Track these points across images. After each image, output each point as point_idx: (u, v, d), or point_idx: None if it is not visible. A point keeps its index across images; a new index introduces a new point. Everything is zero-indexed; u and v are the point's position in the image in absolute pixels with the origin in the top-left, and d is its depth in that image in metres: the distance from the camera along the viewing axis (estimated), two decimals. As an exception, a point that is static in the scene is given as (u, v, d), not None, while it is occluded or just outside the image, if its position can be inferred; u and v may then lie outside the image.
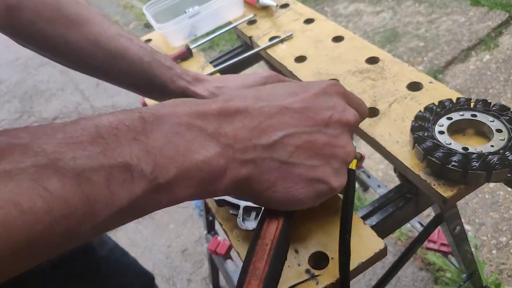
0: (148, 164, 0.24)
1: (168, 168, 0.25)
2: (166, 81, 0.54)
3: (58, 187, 0.20)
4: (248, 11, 0.91)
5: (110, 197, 0.23)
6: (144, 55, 0.53)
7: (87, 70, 0.57)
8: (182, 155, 0.26)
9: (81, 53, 0.52)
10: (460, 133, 0.52)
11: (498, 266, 1.18)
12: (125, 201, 0.23)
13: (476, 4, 2.07)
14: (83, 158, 0.22)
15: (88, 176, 0.22)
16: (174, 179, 0.25)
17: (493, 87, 1.68)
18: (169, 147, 0.25)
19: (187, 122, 0.27)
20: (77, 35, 0.51)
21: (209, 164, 0.27)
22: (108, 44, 0.52)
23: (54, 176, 0.21)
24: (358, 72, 0.67)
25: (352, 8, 2.38)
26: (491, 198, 1.33)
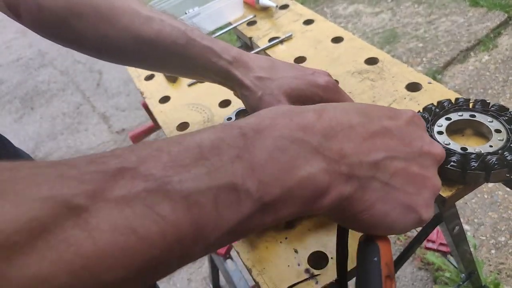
0: (253, 183, 0.23)
1: (272, 186, 0.24)
2: (205, 63, 0.50)
3: (169, 212, 0.20)
4: (248, 12, 0.91)
5: (218, 219, 0.22)
6: (177, 38, 0.50)
7: (122, 61, 0.55)
8: (286, 172, 0.24)
9: (113, 45, 0.51)
10: (459, 134, 0.52)
11: (497, 266, 1.19)
12: (233, 222, 0.23)
13: (475, 5, 2.07)
14: (190, 181, 0.21)
15: (196, 199, 0.21)
16: (278, 198, 0.24)
17: (492, 87, 1.69)
18: (272, 164, 0.24)
19: (289, 135, 0.25)
20: (108, 27, 0.50)
21: (313, 180, 0.25)
22: (140, 32, 0.49)
23: (165, 201, 0.20)
24: (357, 72, 0.68)
25: (352, 9, 2.39)
26: (490, 198, 1.34)
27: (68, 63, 2.93)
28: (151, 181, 0.21)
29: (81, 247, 0.18)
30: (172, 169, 0.21)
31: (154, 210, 0.20)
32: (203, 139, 0.23)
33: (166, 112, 0.73)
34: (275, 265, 0.45)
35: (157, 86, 0.80)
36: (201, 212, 0.21)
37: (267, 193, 0.24)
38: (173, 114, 0.72)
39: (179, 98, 0.75)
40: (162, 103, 0.75)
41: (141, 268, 0.20)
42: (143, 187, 0.20)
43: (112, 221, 0.19)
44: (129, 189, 0.20)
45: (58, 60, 3.00)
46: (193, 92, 0.75)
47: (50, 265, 0.17)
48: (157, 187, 0.21)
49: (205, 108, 0.71)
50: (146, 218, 0.20)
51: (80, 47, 0.54)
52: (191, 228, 0.21)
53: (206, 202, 0.22)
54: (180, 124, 0.69)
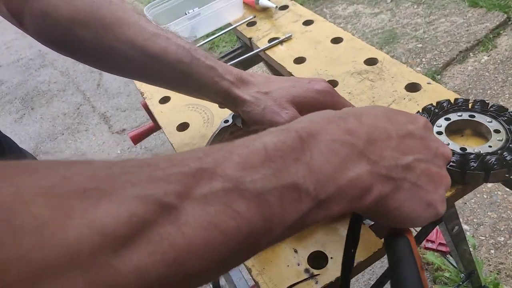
0: (312, 183, 0.26)
1: (328, 185, 0.26)
2: (207, 82, 0.51)
3: (244, 209, 0.23)
4: (248, 13, 0.91)
5: (282, 216, 0.24)
6: (182, 56, 0.51)
7: (126, 74, 0.55)
8: (339, 172, 0.27)
9: (117, 57, 0.51)
10: (458, 134, 0.53)
11: (496, 265, 1.19)
12: (294, 218, 0.25)
13: (474, 6, 2.07)
14: (260, 181, 0.24)
15: (266, 198, 0.24)
16: (332, 196, 0.27)
17: (491, 88, 1.69)
18: (327, 165, 0.27)
19: (339, 138, 0.28)
20: (113, 39, 0.50)
21: (360, 181, 0.28)
22: (145, 47, 0.50)
23: (240, 199, 0.23)
24: (356, 73, 0.68)
25: (351, 10, 2.39)
26: (489, 198, 1.34)
27: (68, 63, 2.93)
28: (227, 181, 0.23)
29: (173, 241, 0.20)
30: (244, 170, 0.24)
31: (231, 207, 0.22)
32: (266, 142, 0.26)
33: (166, 113, 0.73)
34: (275, 265, 0.46)
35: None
36: (269, 209, 0.24)
37: (323, 192, 0.26)
38: (173, 114, 0.72)
39: (179, 98, 0.75)
40: (162, 103, 0.76)
41: (220, 260, 0.22)
42: (221, 186, 0.23)
43: (197, 218, 0.21)
44: (209, 188, 0.22)
45: (58, 60, 3.00)
46: (193, 93, 0.76)
47: (148, 257, 0.19)
48: (233, 187, 0.23)
49: (205, 108, 0.71)
50: (225, 215, 0.22)
51: (83, 58, 0.54)
52: (261, 224, 0.23)
53: (273, 200, 0.24)
54: (180, 125, 0.69)
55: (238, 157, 0.24)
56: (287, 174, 0.25)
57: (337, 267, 0.44)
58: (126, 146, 2.09)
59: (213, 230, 0.21)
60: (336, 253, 0.45)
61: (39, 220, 0.17)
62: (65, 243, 0.17)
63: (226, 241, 0.22)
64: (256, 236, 0.23)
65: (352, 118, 0.31)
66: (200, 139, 0.65)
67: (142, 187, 0.21)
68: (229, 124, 0.58)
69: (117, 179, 0.20)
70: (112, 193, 0.20)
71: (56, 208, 0.18)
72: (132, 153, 2.04)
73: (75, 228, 0.18)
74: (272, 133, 0.27)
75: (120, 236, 0.19)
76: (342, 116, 0.31)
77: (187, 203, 0.21)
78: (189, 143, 0.65)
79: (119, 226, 0.19)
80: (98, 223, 0.18)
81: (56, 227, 0.17)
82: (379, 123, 0.32)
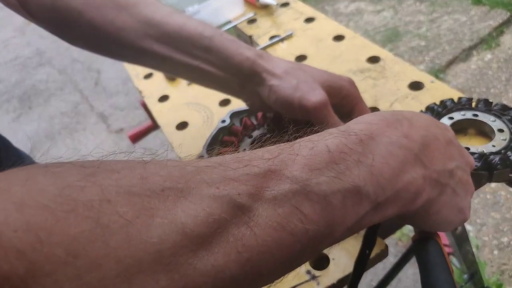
0: (372, 186, 0.26)
1: (386, 188, 0.27)
2: (231, 54, 0.48)
3: (310, 211, 0.23)
4: (248, 10, 0.90)
5: (344, 218, 0.25)
6: (203, 30, 0.48)
7: (142, 58, 0.52)
8: (397, 176, 0.27)
9: (133, 38, 0.48)
10: (462, 133, 0.52)
11: (499, 266, 1.18)
12: (354, 220, 0.25)
13: (478, 3, 2.06)
14: (324, 183, 0.24)
15: (330, 200, 0.24)
16: (388, 199, 0.27)
17: (494, 86, 1.68)
18: (387, 168, 0.27)
19: (396, 141, 0.28)
20: (128, 18, 0.47)
21: (415, 184, 0.28)
22: (162, 24, 0.47)
23: (307, 201, 0.23)
24: (359, 71, 0.67)
25: (353, 7, 2.38)
26: (493, 199, 1.33)
27: (66, 62, 2.92)
28: (294, 183, 0.23)
29: (247, 241, 0.21)
30: (310, 172, 0.24)
31: (299, 209, 0.23)
32: (330, 144, 0.26)
33: (165, 112, 0.72)
34: (274, 267, 0.45)
35: (156, 85, 0.79)
36: (332, 211, 0.24)
37: (381, 195, 0.26)
38: (172, 113, 0.71)
39: (178, 97, 0.74)
40: (161, 102, 0.75)
41: (288, 260, 0.23)
42: (289, 188, 0.23)
43: (268, 219, 0.21)
44: (278, 190, 0.23)
45: (56, 59, 3.00)
46: (192, 91, 0.75)
47: (223, 257, 0.20)
48: (300, 189, 0.23)
49: (204, 107, 0.70)
50: (294, 217, 0.22)
51: (95, 45, 0.52)
52: (325, 226, 0.24)
53: (336, 203, 0.24)
54: (179, 124, 0.69)
55: (303, 159, 0.24)
56: (350, 177, 0.25)
57: (338, 268, 0.44)
58: (124, 145, 2.09)
59: (282, 232, 0.22)
60: (338, 254, 0.45)
61: (124, 219, 0.18)
62: (150, 242, 0.18)
63: (294, 243, 0.22)
64: (319, 238, 0.24)
65: (406, 121, 0.30)
66: (200, 138, 0.64)
67: (216, 187, 0.21)
68: (227, 124, 0.57)
69: (192, 179, 0.21)
70: (189, 193, 0.20)
71: (139, 207, 0.18)
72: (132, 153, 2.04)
73: (158, 227, 0.18)
74: (333, 135, 0.27)
75: (199, 235, 0.19)
76: (398, 119, 0.30)
77: (259, 204, 0.22)
78: (188, 143, 0.65)
79: (197, 226, 0.19)
80: (178, 222, 0.19)
81: (140, 226, 0.18)
82: (429, 128, 0.32)
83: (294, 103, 0.46)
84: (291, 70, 0.48)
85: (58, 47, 3.10)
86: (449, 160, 0.32)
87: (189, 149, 0.63)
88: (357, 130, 0.28)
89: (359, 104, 0.50)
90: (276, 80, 0.47)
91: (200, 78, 0.53)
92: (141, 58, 0.52)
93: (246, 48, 0.49)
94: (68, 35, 0.52)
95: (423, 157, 0.29)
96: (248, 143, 0.53)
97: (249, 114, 0.58)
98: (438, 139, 0.31)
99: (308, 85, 0.46)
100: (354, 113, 0.49)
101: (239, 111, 0.59)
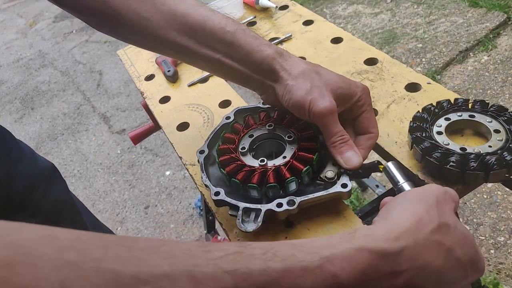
0: None
1: None
2: (253, 49, 0.49)
3: None
4: (248, 13, 0.91)
5: None
6: (227, 25, 0.49)
7: (165, 48, 0.53)
8: None
9: (156, 28, 0.49)
10: (458, 134, 0.53)
11: (496, 265, 1.19)
12: None
13: (474, 6, 2.07)
14: None
15: None
16: None
17: (491, 88, 1.69)
18: None
19: None
20: (152, 9, 0.49)
21: None
22: (186, 16, 0.49)
23: None
24: (356, 73, 0.68)
25: (351, 10, 2.39)
26: (489, 198, 1.34)
27: (68, 63, 2.93)
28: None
29: None
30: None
31: None
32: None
33: (166, 112, 0.73)
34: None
35: (158, 86, 0.80)
36: None
37: None
38: (173, 114, 0.72)
39: (179, 98, 0.75)
40: (162, 103, 0.76)
41: None
42: None
43: None
44: None
45: (58, 60, 3.00)
46: (193, 92, 0.76)
47: None
48: None
49: (205, 108, 0.71)
50: None
51: (119, 32, 0.53)
52: None
53: None
54: (180, 124, 0.69)
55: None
56: None
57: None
58: (126, 146, 2.09)
59: None
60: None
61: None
62: None
63: None
64: None
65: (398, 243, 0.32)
66: (200, 139, 0.65)
67: None
68: (231, 121, 0.58)
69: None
70: None
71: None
72: (132, 153, 2.04)
73: None
74: (324, 270, 0.28)
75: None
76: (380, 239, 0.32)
77: None
78: (189, 143, 0.65)
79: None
80: None
81: None
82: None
83: (305, 106, 0.47)
84: (307, 72, 0.49)
85: (60, 49, 3.11)
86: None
87: (189, 150, 0.64)
88: (343, 274, 0.29)
89: (367, 112, 0.51)
90: (292, 81, 0.48)
91: (220, 71, 0.54)
92: (164, 48, 0.53)
93: (267, 45, 0.50)
94: (93, 22, 0.53)
95: None
96: (248, 141, 0.54)
97: (253, 113, 0.58)
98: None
99: (320, 91, 0.47)
100: (360, 120, 0.51)
101: (244, 109, 0.59)
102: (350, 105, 0.50)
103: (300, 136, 0.52)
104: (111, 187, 1.91)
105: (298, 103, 0.48)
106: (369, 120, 0.51)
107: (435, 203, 0.36)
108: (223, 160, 0.51)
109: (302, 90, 0.48)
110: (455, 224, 0.35)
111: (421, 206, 0.35)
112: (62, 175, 0.83)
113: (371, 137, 0.51)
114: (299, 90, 0.48)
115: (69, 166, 2.09)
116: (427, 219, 0.34)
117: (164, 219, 1.69)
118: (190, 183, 1.77)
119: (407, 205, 0.36)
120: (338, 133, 0.48)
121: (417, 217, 0.34)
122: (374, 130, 0.51)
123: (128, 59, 0.91)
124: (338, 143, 0.48)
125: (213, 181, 0.52)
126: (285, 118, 0.55)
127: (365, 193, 1.45)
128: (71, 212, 0.81)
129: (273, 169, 0.49)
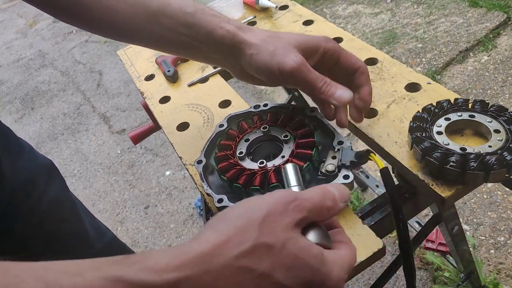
0: None
1: None
2: (213, 28, 0.50)
3: None
4: (248, 13, 0.91)
5: None
6: (186, 7, 0.50)
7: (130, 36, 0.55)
8: None
9: (121, 17, 0.50)
10: (458, 134, 0.53)
11: (496, 265, 1.19)
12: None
13: (474, 6, 2.07)
14: None
15: None
16: None
17: (491, 88, 1.69)
18: None
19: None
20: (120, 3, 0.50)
21: None
22: (148, 3, 0.50)
23: None
24: (357, 73, 0.68)
25: (351, 10, 2.39)
26: (489, 198, 1.34)
27: (68, 63, 2.93)
28: None
29: None
30: None
31: None
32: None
33: (166, 112, 0.73)
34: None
35: (157, 86, 0.80)
36: None
37: None
38: (173, 114, 0.72)
39: (179, 98, 0.75)
40: (162, 103, 0.76)
41: None
42: None
43: None
44: None
45: (58, 60, 3.00)
46: (193, 92, 0.76)
47: None
48: None
49: (205, 108, 0.71)
50: None
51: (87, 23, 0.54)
52: None
53: None
54: (180, 124, 0.69)
55: None
56: None
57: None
58: (126, 146, 2.09)
59: None
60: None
61: None
62: None
63: None
64: None
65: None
66: (200, 139, 0.65)
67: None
68: (224, 128, 0.58)
69: None
70: None
71: None
72: (132, 153, 2.04)
73: None
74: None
75: None
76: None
77: None
78: (189, 143, 0.65)
79: None
80: None
81: None
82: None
83: (273, 69, 0.47)
84: (268, 39, 0.49)
85: (61, 49, 3.11)
86: None
87: (189, 150, 0.64)
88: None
89: (342, 55, 0.51)
90: (254, 49, 0.49)
91: (189, 53, 0.56)
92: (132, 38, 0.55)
93: (226, 22, 0.50)
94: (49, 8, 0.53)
95: None
96: (245, 146, 0.54)
97: (245, 118, 0.58)
98: None
99: (284, 50, 0.48)
100: (341, 65, 0.51)
101: (236, 115, 0.59)
102: (319, 57, 0.50)
103: (296, 134, 0.52)
104: (111, 187, 1.91)
105: (266, 68, 0.48)
106: (348, 58, 0.51)
107: (262, 218, 0.30)
108: (223, 167, 0.51)
109: (267, 55, 0.48)
110: (285, 243, 0.29)
111: (237, 224, 0.29)
112: (62, 175, 0.83)
113: (361, 71, 0.51)
114: (263, 56, 0.48)
115: (69, 166, 2.09)
116: (236, 241, 0.28)
117: (164, 219, 1.69)
118: (190, 183, 1.77)
119: (226, 219, 0.30)
120: (318, 79, 0.48)
121: (222, 239, 0.28)
122: (359, 63, 0.51)
123: (128, 59, 0.91)
124: (324, 87, 0.48)
125: (214, 189, 0.51)
126: (279, 118, 0.55)
127: (365, 193, 1.45)
128: (69, 210, 0.81)
129: (274, 169, 0.49)
